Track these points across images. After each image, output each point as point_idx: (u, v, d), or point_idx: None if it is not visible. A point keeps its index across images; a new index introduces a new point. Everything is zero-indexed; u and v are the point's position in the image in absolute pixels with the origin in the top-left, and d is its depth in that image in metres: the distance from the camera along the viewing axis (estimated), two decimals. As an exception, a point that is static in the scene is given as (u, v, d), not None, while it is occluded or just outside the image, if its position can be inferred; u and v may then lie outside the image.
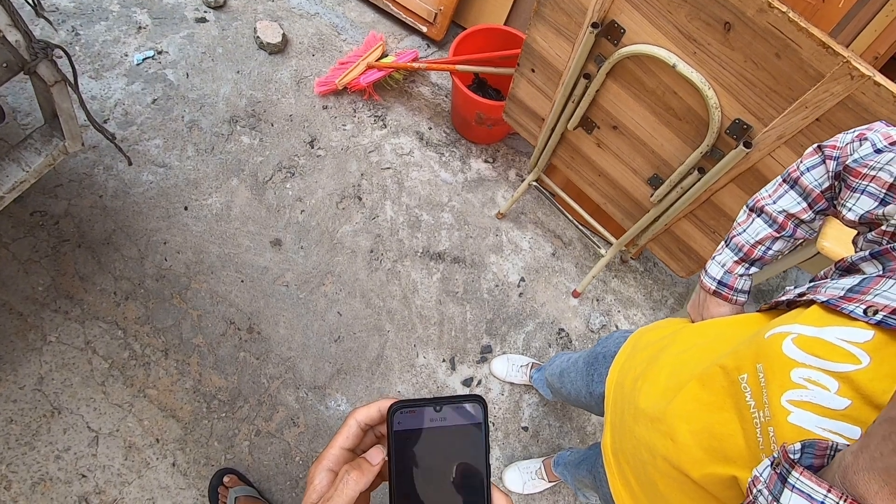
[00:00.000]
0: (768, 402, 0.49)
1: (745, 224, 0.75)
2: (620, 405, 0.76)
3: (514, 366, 1.63)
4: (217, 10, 2.13)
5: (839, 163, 0.64)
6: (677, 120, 1.15)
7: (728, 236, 0.77)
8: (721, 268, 0.77)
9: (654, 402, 0.65)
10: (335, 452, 0.37)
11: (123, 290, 1.57)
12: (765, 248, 0.74)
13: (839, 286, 0.50)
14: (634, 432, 0.68)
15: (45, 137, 1.27)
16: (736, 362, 0.55)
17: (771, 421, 0.48)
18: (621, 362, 0.83)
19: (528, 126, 1.58)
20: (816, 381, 0.46)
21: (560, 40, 1.27)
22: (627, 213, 1.46)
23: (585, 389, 0.98)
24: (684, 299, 1.89)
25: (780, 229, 0.72)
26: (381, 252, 1.78)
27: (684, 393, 0.60)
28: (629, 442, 0.70)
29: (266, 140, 1.90)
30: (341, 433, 0.38)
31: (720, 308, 0.78)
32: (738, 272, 0.76)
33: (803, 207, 0.70)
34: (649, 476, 0.65)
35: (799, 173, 0.69)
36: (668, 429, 0.61)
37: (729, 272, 0.76)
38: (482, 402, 0.38)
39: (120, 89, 1.88)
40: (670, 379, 0.65)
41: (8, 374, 1.41)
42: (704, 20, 0.96)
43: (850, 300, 0.47)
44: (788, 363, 0.48)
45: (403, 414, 0.37)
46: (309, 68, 2.08)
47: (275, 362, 1.56)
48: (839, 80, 0.85)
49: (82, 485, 1.34)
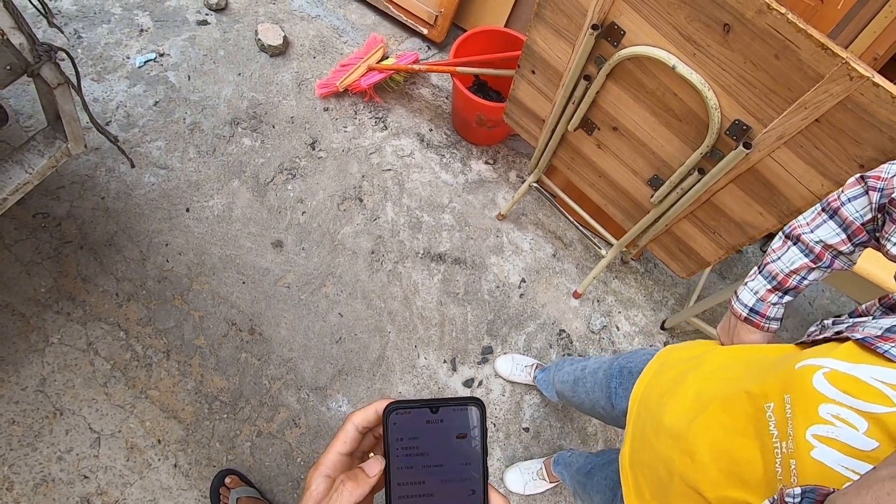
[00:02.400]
0: (793, 435, 0.48)
1: (780, 251, 0.73)
2: (643, 419, 0.75)
3: (518, 365, 1.63)
4: (218, 13, 2.14)
5: (884, 195, 0.61)
6: (677, 121, 1.15)
7: (761, 262, 0.76)
8: (753, 295, 0.75)
9: (678, 419, 0.65)
10: (333, 458, 0.37)
11: (125, 292, 1.57)
12: (800, 278, 0.71)
13: (878, 326, 0.49)
14: (655, 447, 0.67)
15: (48, 139, 1.27)
16: (763, 390, 0.53)
17: (794, 453, 0.47)
18: (647, 378, 0.82)
19: (528, 127, 1.59)
20: (845, 419, 0.45)
21: (560, 42, 1.27)
22: (628, 213, 1.47)
23: (605, 401, 0.97)
24: (685, 300, 1.89)
25: (817, 259, 0.69)
26: (382, 253, 1.78)
27: (707, 414, 0.59)
28: (648, 455, 0.69)
29: (267, 142, 1.90)
30: (339, 438, 0.38)
31: (751, 335, 0.76)
32: (772, 300, 0.74)
33: (842, 239, 0.67)
34: (665, 491, 0.64)
35: (839, 203, 0.67)
36: (689, 447, 0.60)
37: (762, 300, 0.74)
38: (480, 405, 0.37)
39: (122, 91, 1.88)
40: (696, 398, 0.65)
41: (10, 375, 1.42)
42: (704, 22, 0.97)
43: (887, 340, 0.46)
44: (818, 397, 0.47)
45: (399, 415, 0.36)
46: (310, 70, 2.09)
47: (276, 363, 1.56)
48: (838, 81, 0.86)
49: (84, 486, 1.34)
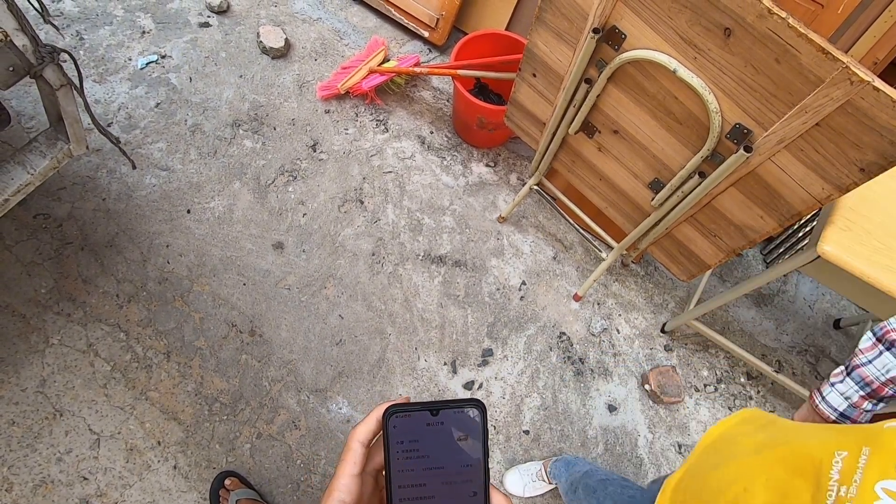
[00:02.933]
0: (859, 482, 0.47)
1: (870, 353, 0.70)
2: (708, 453, 0.74)
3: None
4: (220, 15, 2.15)
5: None
6: (678, 124, 1.15)
7: (849, 363, 0.73)
8: (844, 400, 0.72)
9: (744, 454, 0.64)
10: (346, 481, 0.36)
11: (126, 293, 1.57)
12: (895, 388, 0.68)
13: None
14: (708, 478, 0.66)
15: (50, 141, 1.27)
16: (839, 440, 0.53)
17: (854, 499, 0.47)
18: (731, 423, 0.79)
19: (529, 130, 1.59)
20: None
21: (561, 45, 1.27)
22: (628, 216, 1.47)
23: None
24: (685, 303, 1.89)
25: None
26: (382, 255, 1.78)
27: (775, 452, 0.59)
28: (697, 484, 0.68)
29: (268, 144, 1.91)
30: (347, 459, 0.37)
31: None
32: (865, 408, 0.71)
33: None
34: None
35: None
36: (746, 480, 0.59)
37: (854, 406, 0.71)
38: (481, 407, 0.37)
39: (124, 93, 1.89)
40: (769, 440, 0.64)
41: (10, 376, 1.42)
42: (705, 26, 0.97)
43: None
44: None
45: (399, 418, 0.36)
46: (311, 73, 2.09)
47: (276, 365, 1.56)
48: (838, 85, 0.86)
49: (84, 487, 1.34)
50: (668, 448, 1.67)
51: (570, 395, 1.68)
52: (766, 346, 1.90)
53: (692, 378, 1.79)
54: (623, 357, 1.78)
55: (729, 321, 1.93)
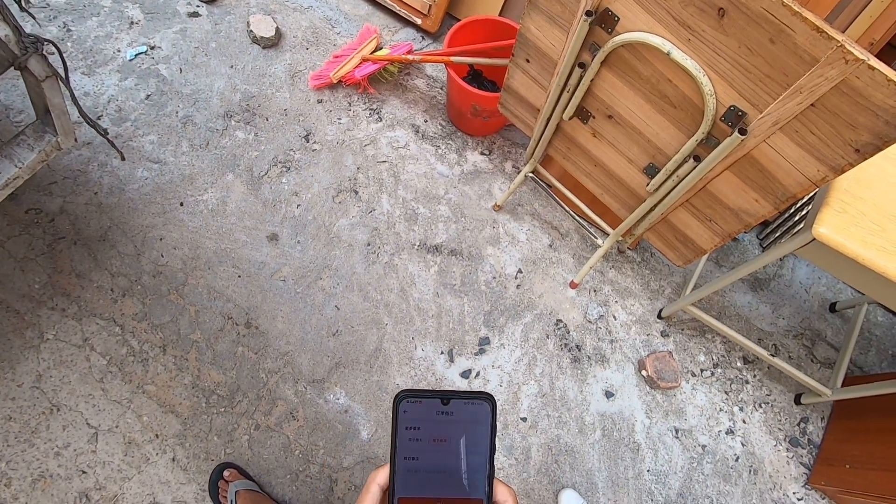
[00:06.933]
0: None
1: None
2: None
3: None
4: (209, 5, 2.12)
5: None
6: (672, 108, 1.14)
7: None
8: None
9: None
10: None
11: (120, 287, 1.57)
12: None
13: None
14: None
15: (38, 133, 1.26)
16: None
17: None
18: None
19: (523, 117, 1.58)
20: None
21: (554, 29, 1.26)
22: (624, 202, 1.46)
23: None
24: (681, 289, 1.89)
25: None
26: (378, 245, 1.78)
27: None
28: None
29: (261, 135, 1.89)
30: (365, 501, 0.37)
31: None
32: None
33: None
34: None
35: None
36: None
37: None
38: (492, 401, 0.37)
39: (113, 85, 1.86)
40: None
41: (6, 371, 1.41)
42: (698, 6, 0.96)
43: None
44: None
45: (410, 403, 0.36)
46: (303, 62, 2.07)
47: (273, 357, 1.56)
48: (833, 64, 0.85)
49: (82, 481, 1.34)
50: (666, 433, 1.68)
51: (567, 382, 1.69)
52: (762, 331, 1.91)
53: (689, 363, 1.80)
54: (620, 343, 1.79)
55: (725, 306, 1.93)
